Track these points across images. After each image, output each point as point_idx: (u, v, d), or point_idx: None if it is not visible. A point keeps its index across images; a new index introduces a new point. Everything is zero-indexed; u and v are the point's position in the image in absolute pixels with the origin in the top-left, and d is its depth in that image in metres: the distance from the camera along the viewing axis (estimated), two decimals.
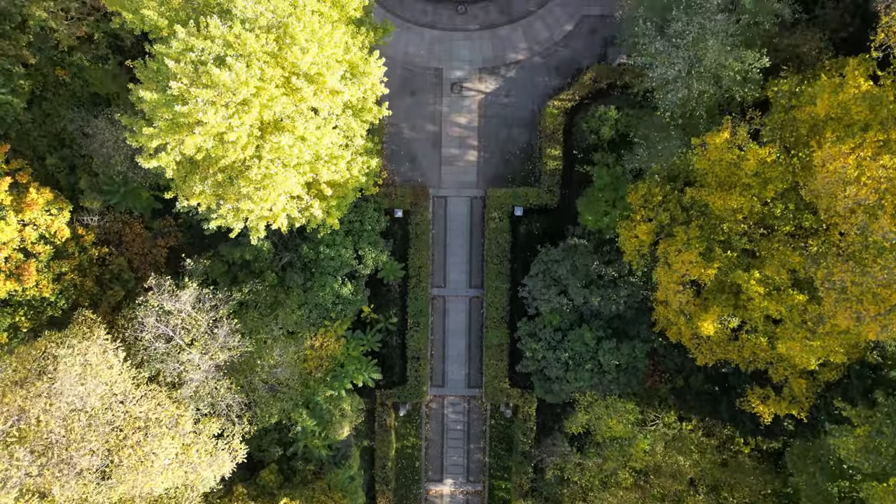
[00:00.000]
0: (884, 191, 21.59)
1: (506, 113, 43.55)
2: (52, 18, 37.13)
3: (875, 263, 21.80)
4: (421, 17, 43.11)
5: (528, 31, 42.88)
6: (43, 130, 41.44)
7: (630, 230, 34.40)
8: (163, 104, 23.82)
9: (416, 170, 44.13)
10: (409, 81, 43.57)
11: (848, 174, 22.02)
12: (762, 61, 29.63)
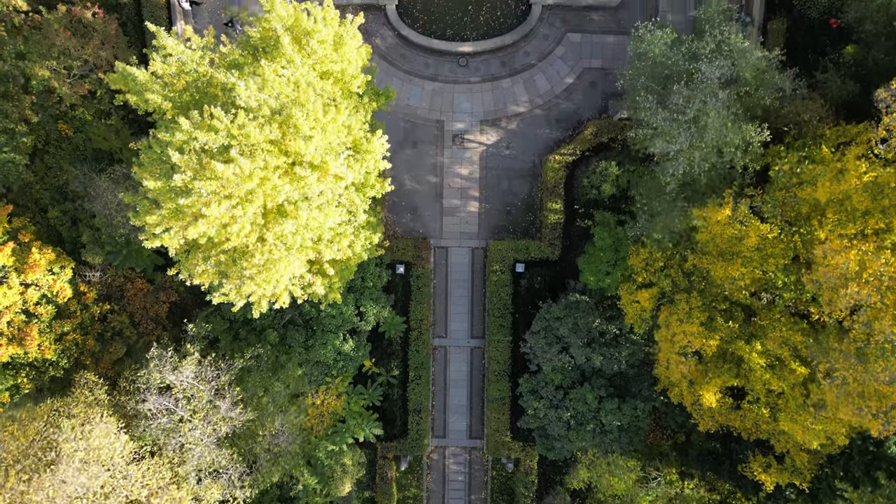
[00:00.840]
0: (885, 289, 21.67)
1: (507, 165, 43.69)
2: (54, 78, 37.31)
3: (877, 363, 21.90)
4: (422, 69, 43.30)
5: (529, 84, 43.06)
6: (45, 184, 41.54)
7: (631, 294, 34.49)
8: (166, 193, 23.94)
9: (418, 220, 44.23)
10: (410, 133, 43.73)
11: (850, 269, 22.12)
12: (763, 135, 29.76)
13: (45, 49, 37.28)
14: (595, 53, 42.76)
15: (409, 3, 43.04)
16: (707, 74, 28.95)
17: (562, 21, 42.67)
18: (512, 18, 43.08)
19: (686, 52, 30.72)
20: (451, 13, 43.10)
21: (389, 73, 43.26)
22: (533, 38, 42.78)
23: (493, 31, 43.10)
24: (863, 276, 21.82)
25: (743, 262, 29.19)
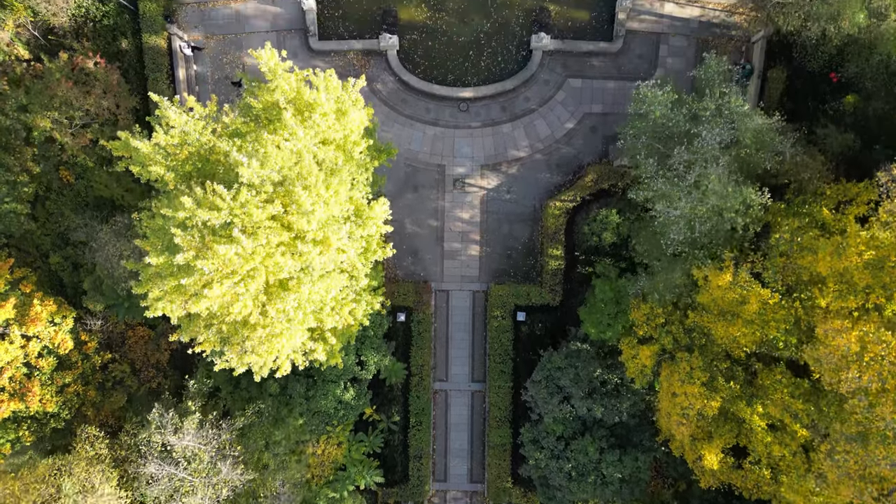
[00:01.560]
0: (887, 374, 21.72)
1: (507, 209, 43.77)
2: (56, 129, 37.43)
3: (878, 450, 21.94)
4: (424, 114, 43.41)
5: (530, 129, 43.17)
6: (46, 229, 41.68)
7: (632, 348, 34.53)
8: (169, 269, 24.00)
9: (419, 264, 44.29)
10: (411, 177, 43.83)
11: (851, 350, 22.18)
12: (764, 198, 29.83)
13: (47, 99, 37.44)
14: (595, 98, 42.88)
15: (410, 48, 43.16)
16: (708, 140, 29.05)
17: (562, 67, 42.79)
18: (513, 64, 43.20)
19: (687, 114, 30.83)
20: (452, 58, 43.23)
21: (391, 118, 43.40)
22: (533, 84, 42.90)
23: (493, 77, 43.21)
24: (864, 358, 21.89)
25: (744, 323, 29.23)
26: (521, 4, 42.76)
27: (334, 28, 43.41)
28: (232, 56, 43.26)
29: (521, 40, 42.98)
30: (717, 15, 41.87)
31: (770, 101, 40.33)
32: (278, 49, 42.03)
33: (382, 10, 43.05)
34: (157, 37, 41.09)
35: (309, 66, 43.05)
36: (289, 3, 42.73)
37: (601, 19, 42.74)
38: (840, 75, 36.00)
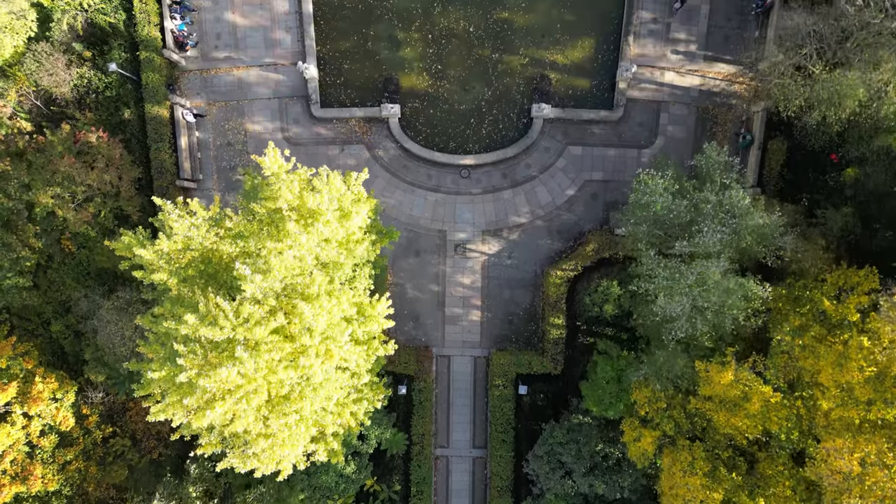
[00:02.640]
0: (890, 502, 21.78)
1: (508, 274, 43.84)
2: (58, 206, 37.49)
3: None
4: (425, 180, 43.55)
5: (531, 195, 43.29)
6: (48, 297, 41.66)
7: (634, 429, 34.53)
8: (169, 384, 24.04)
9: (420, 329, 44.32)
10: (413, 242, 43.91)
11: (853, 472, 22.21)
12: (766, 292, 29.91)
13: (49, 175, 37.54)
14: (596, 166, 43.03)
15: (411, 115, 43.34)
16: (709, 237, 29.14)
17: (563, 134, 42.96)
18: (514, 131, 43.38)
19: (688, 205, 30.93)
20: (453, 125, 43.42)
21: (392, 184, 43.53)
22: (534, 151, 43.06)
23: (495, 144, 43.39)
24: (866, 482, 21.93)
25: (746, 415, 29.26)
26: (522, 72, 42.98)
27: (336, 95, 43.60)
28: (234, 122, 43.42)
29: (522, 108, 43.19)
30: (718, 84, 42.06)
31: (770, 172, 40.53)
32: (281, 116, 42.60)
33: (384, 78, 43.28)
34: (159, 107, 41.25)
35: (311, 132, 43.34)
36: (291, 70, 42.94)
37: (602, 87, 42.96)
38: (841, 156, 36.13)
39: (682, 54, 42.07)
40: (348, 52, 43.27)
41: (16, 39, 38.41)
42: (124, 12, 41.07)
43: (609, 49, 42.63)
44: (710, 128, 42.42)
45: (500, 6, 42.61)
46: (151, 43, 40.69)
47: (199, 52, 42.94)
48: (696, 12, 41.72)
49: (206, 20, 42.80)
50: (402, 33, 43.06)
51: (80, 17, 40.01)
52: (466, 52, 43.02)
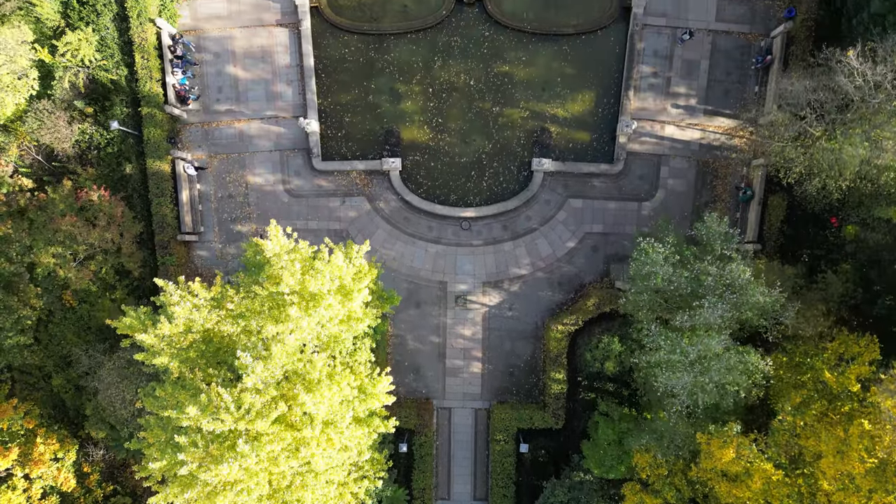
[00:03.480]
0: None
1: (509, 326, 43.84)
2: (59, 265, 37.53)
3: None
4: (426, 232, 43.60)
5: (531, 248, 43.35)
6: (49, 351, 41.67)
7: (635, 493, 34.47)
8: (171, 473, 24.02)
9: (421, 381, 44.30)
10: (414, 294, 43.93)
11: None
12: (767, 366, 29.91)
13: (51, 234, 37.59)
14: (596, 219, 43.08)
15: (412, 168, 43.45)
16: (709, 313, 29.16)
17: (563, 187, 43.05)
18: (514, 184, 43.48)
19: (689, 277, 30.96)
20: (454, 178, 43.52)
21: (393, 236, 43.59)
22: (535, 204, 43.14)
23: (495, 196, 43.46)
24: None
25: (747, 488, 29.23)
26: (523, 125, 43.11)
27: (337, 148, 43.72)
28: (235, 175, 43.52)
29: (523, 160, 43.29)
30: (718, 138, 42.18)
31: (770, 228, 40.62)
32: (282, 168, 42.65)
33: (385, 131, 43.42)
34: (160, 162, 41.35)
35: (312, 184, 43.43)
36: (292, 123, 43.08)
37: (602, 140, 43.08)
38: (841, 220, 36.19)
39: (683, 108, 42.21)
40: (349, 105, 43.41)
41: (17, 98, 38.53)
42: (126, 67, 41.22)
43: (609, 102, 42.79)
44: (711, 181, 42.53)
45: (500, 60, 42.78)
46: (153, 99, 40.83)
47: (200, 105, 43.08)
48: (695, 66, 41.90)
49: (207, 73, 42.96)
50: (403, 86, 43.22)
51: (82, 74, 40.15)
52: (467, 105, 43.17)
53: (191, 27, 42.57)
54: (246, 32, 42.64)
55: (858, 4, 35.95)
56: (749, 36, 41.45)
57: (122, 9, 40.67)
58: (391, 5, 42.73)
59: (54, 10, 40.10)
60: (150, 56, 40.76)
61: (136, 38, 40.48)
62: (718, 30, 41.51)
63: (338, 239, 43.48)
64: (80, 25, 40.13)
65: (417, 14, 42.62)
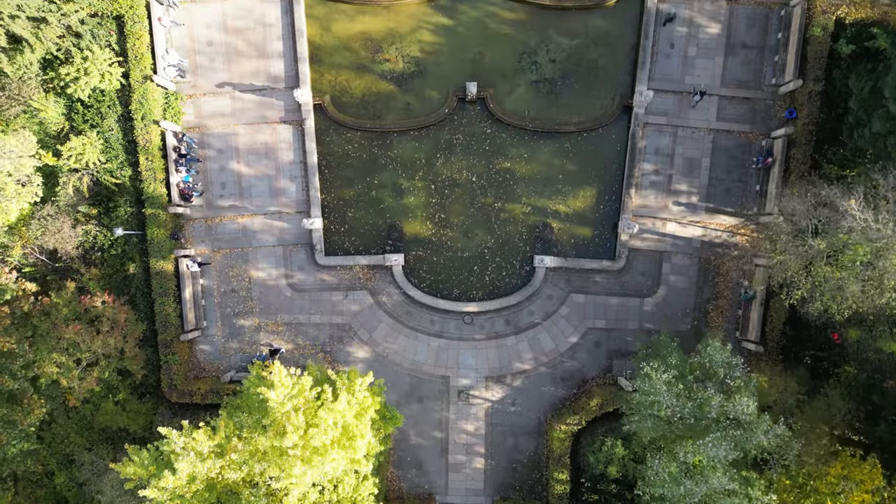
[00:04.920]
0: None
1: (512, 421, 43.76)
2: (62, 375, 37.50)
3: None
4: (429, 326, 43.64)
5: (534, 343, 43.35)
6: (52, 450, 41.60)
7: None
8: None
9: (423, 476, 44.14)
10: (416, 388, 43.89)
11: None
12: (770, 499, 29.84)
13: (54, 342, 37.59)
14: (599, 314, 43.14)
15: (415, 262, 43.58)
16: (713, 451, 29.13)
17: (565, 282, 43.14)
18: (516, 278, 43.58)
19: (693, 408, 30.94)
20: (456, 273, 43.63)
21: (396, 329, 43.61)
22: (537, 298, 43.20)
23: (498, 291, 43.55)
24: None
25: None
26: (525, 221, 43.29)
27: (340, 242, 43.88)
28: (238, 269, 43.63)
29: (525, 255, 43.42)
30: (719, 235, 42.35)
31: (772, 330, 40.66)
32: (285, 263, 42.77)
33: (388, 225, 43.60)
34: (164, 261, 41.47)
35: (315, 278, 43.53)
36: (295, 218, 43.25)
37: (604, 236, 43.24)
38: (842, 337, 36.22)
39: (684, 205, 42.40)
40: (353, 200, 43.61)
41: (21, 204, 38.69)
42: (130, 167, 41.45)
43: (611, 199, 43.00)
44: (713, 278, 42.61)
45: (501, 156, 43.04)
46: (157, 200, 41.03)
47: (204, 200, 43.29)
48: (697, 165, 42.13)
49: (211, 170, 43.20)
50: (405, 182, 43.45)
51: (86, 178, 40.38)
52: (469, 201, 43.37)
53: (195, 124, 42.86)
54: (250, 129, 42.93)
55: (860, 119, 36.19)
56: (750, 135, 41.71)
57: (126, 110, 40.97)
58: (394, 103, 43.04)
59: (59, 112, 40.41)
60: (155, 157, 41.00)
61: (141, 140, 40.74)
62: (719, 129, 41.79)
63: (341, 333, 43.57)
64: (85, 128, 40.44)
65: (420, 112, 42.92)
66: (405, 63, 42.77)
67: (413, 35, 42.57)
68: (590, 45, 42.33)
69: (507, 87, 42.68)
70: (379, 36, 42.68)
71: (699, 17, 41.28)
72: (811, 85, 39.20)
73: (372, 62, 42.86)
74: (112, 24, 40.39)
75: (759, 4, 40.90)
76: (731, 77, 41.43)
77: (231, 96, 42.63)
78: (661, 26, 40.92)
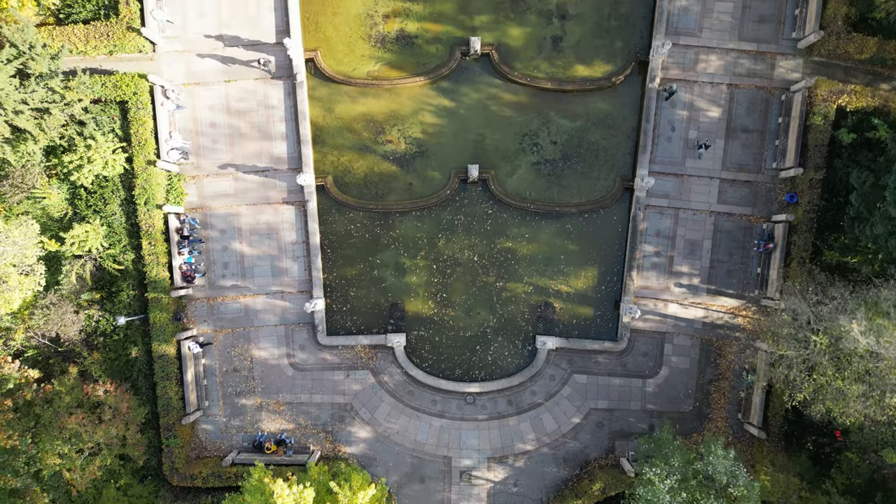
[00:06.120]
0: None
1: (514, 502, 43.61)
2: (64, 467, 37.42)
3: None
4: (430, 406, 43.60)
5: (536, 423, 43.30)
6: None
7: None
8: None
9: None
10: (418, 468, 43.78)
11: None
12: None
13: (57, 431, 37.53)
14: (601, 394, 43.12)
15: (417, 342, 43.59)
16: None
17: (568, 363, 43.14)
18: (519, 358, 43.58)
19: None
20: (458, 352, 43.63)
21: (397, 409, 43.57)
22: (539, 379, 43.19)
23: (500, 370, 43.55)
24: None
25: None
26: (527, 300, 43.33)
27: (342, 322, 43.90)
28: (240, 349, 43.64)
29: (527, 335, 43.44)
30: (721, 317, 42.37)
31: (775, 415, 40.58)
32: (287, 342, 42.74)
33: (390, 304, 43.65)
34: (166, 345, 41.49)
35: (317, 358, 43.53)
36: (297, 298, 43.29)
37: (605, 317, 43.27)
38: (845, 436, 36.20)
39: (686, 287, 42.46)
40: (355, 279, 43.67)
41: (24, 293, 38.72)
42: (133, 251, 41.54)
43: (612, 280, 43.07)
44: (715, 360, 42.62)
45: (503, 236, 43.14)
46: (160, 284, 41.10)
47: (206, 280, 43.34)
48: (698, 246, 42.21)
49: (213, 250, 43.28)
50: (407, 261, 43.53)
51: (89, 264, 40.43)
52: (471, 280, 43.43)
53: (197, 205, 42.98)
54: (252, 210, 43.04)
55: (861, 216, 36.30)
56: (751, 218, 41.81)
57: (129, 194, 41.10)
58: (396, 183, 43.20)
59: (62, 198, 40.54)
60: (157, 241, 41.10)
61: (144, 225, 40.86)
62: (720, 211, 41.89)
63: (342, 412, 43.53)
64: (88, 214, 40.53)
65: (422, 192, 43.06)
66: (407, 144, 42.95)
67: (415, 116, 42.77)
68: (591, 126, 42.53)
69: (508, 168, 42.85)
70: (381, 117, 42.88)
71: (700, 101, 41.48)
72: (812, 173, 39.34)
73: (374, 143, 43.05)
74: (116, 109, 40.58)
75: (759, 89, 41.11)
76: (732, 160, 41.58)
77: (234, 177, 42.78)
78: (663, 101, 41.05)
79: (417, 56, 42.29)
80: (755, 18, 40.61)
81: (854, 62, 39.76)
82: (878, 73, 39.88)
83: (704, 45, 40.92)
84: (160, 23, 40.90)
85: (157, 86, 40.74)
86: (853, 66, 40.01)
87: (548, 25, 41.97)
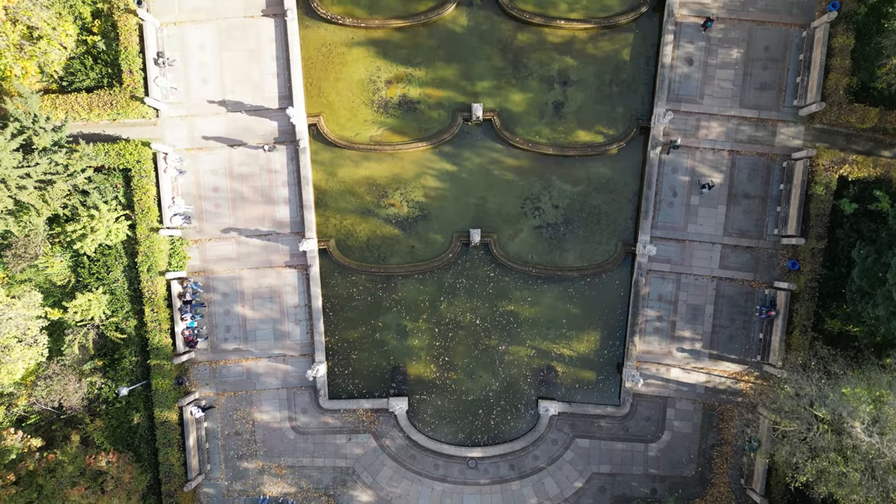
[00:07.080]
0: None
1: None
2: None
3: None
4: (432, 470, 43.54)
5: (539, 488, 43.21)
6: None
7: None
8: None
9: None
10: None
11: None
12: None
13: (60, 503, 37.48)
14: (603, 459, 43.04)
15: (419, 406, 43.57)
16: None
17: (570, 427, 43.09)
18: (521, 421, 43.53)
19: None
20: (461, 416, 43.59)
21: (399, 473, 43.51)
22: (542, 443, 43.13)
23: (502, 434, 43.49)
24: None
25: None
26: (529, 364, 43.32)
27: (344, 385, 43.88)
28: (242, 412, 43.62)
29: (529, 398, 43.40)
30: (723, 381, 42.32)
31: (778, 482, 40.49)
32: (289, 406, 42.68)
33: (392, 367, 43.63)
34: (168, 411, 41.48)
35: (319, 421, 43.49)
36: (300, 361, 43.30)
37: (608, 381, 43.24)
38: None
39: (688, 352, 42.43)
40: (357, 342, 43.67)
41: (27, 363, 38.76)
42: (135, 317, 41.56)
43: (614, 343, 43.05)
44: (717, 424, 42.57)
45: (505, 299, 43.16)
46: (162, 351, 41.13)
47: (208, 344, 43.34)
48: (700, 311, 42.19)
49: (215, 313, 43.31)
50: (409, 324, 43.53)
51: (92, 333, 40.47)
52: (473, 343, 43.43)
53: (200, 268, 43.03)
54: (255, 273, 43.08)
55: (863, 292, 36.30)
56: (753, 283, 41.81)
57: (132, 261, 41.17)
58: (399, 246, 43.25)
59: (65, 266, 40.61)
60: (160, 308, 41.13)
61: (146, 292, 40.91)
62: (722, 276, 41.90)
63: (344, 476, 43.47)
64: (91, 281, 40.58)
65: (424, 256, 43.11)
66: (410, 208, 43.03)
67: (417, 180, 42.86)
68: (592, 191, 42.60)
69: (510, 232, 42.91)
70: (384, 181, 42.97)
71: (701, 167, 41.55)
72: (814, 242, 39.38)
73: (377, 206, 43.13)
74: (119, 177, 40.70)
75: (760, 155, 41.19)
76: (733, 226, 41.60)
77: (237, 241, 42.84)
78: (666, 154, 40.99)
79: (420, 121, 42.42)
80: (756, 86, 40.71)
81: (856, 129, 39.85)
82: (880, 140, 39.97)
83: (706, 111, 41.02)
84: (164, 89, 41.07)
85: (160, 153, 40.88)
86: (855, 133, 40.10)
87: (549, 91, 42.09)
